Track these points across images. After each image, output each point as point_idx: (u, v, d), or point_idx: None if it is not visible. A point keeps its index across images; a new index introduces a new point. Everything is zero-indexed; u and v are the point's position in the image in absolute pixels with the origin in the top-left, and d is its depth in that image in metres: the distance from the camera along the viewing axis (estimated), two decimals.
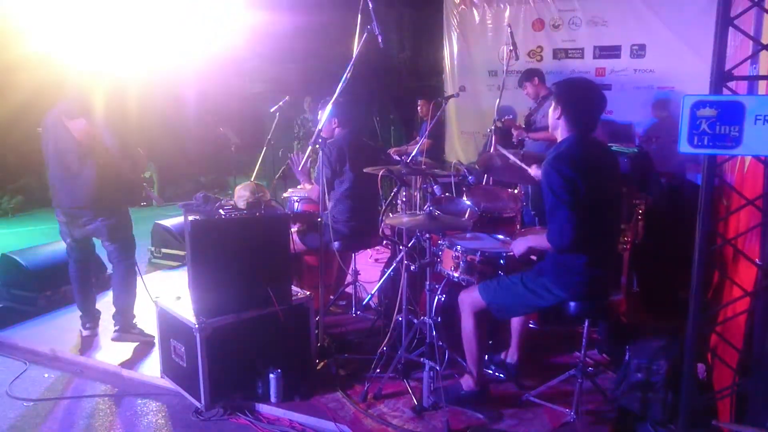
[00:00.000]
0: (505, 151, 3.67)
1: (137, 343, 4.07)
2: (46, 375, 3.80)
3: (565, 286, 2.89)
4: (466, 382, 3.28)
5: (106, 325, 4.21)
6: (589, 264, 2.84)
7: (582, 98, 2.93)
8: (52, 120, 3.84)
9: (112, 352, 3.98)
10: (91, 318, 4.19)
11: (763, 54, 2.57)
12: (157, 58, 6.51)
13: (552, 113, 2.96)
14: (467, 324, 3.17)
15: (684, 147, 2.13)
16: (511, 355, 3.60)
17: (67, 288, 4.85)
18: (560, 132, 2.94)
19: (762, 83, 2.87)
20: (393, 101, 9.09)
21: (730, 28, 2.21)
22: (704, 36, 2.28)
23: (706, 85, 2.30)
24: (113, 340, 4.04)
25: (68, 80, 3.90)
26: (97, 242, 4.20)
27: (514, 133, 5.51)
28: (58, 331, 4.34)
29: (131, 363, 3.86)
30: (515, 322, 3.55)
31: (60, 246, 5.08)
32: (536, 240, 3.01)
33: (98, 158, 3.78)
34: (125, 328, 4.07)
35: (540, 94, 5.59)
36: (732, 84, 3.67)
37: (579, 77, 3.77)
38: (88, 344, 4.11)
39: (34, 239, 6.66)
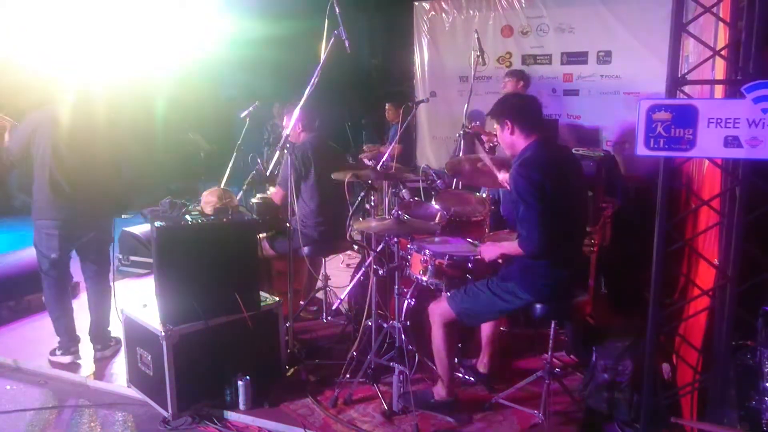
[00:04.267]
0: (484, 156, 3.68)
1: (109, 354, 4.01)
2: (9, 387, 3.71)
3: (530, 288, 2.92)
4: (438, 392, 3.29)
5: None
6: (554, 266, 2.89)
7: (521, 104, 3.06)
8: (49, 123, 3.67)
9: (76, 363, 3.91)
10: (75, 340, 3.97)
11: (720, 59, 2.64)
12: (126, 64, 6.43)
13: (503, 134, 3.01)
14: (437, 335, 3.18)
15: (641, 150, 2.18)
16: (481, 363, 3.62)
17: (31, 298, 4.77)
18: (518, 146, 2.99)
19: (718, 88, 2.94)
20: (364, 106, 9.10)
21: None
22: (668, 43, 2.35)
23: None
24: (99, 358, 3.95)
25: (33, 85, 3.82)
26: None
27: (485, 138, 5.53)
28: (21, 341, 4.25)
29: (97, 373, 3.80)
30: (485, 330, 3.56)
31: (24, 255, 4.98)
32: (508, 247, 3.00)
33: None
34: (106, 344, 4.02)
35: None
36: (697, 89, 3.78)
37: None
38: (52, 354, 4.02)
39: None
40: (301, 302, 4.50)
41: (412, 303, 3.65)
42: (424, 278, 3.40)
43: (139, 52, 6.46)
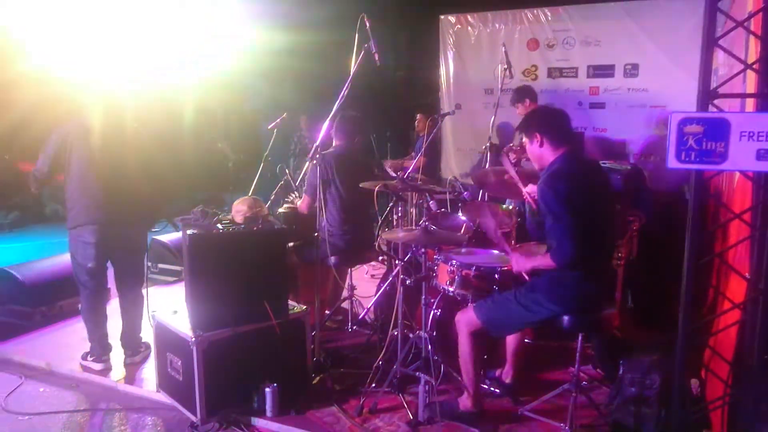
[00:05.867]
0: (509, 167, 3.68)
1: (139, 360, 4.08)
2: (42, 389, 3.79)
3: (558, 300, 2.93)
4: (464, 403, 3.28)
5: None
6: (582, 278, 2.89)
7: (550, 117, 3.07)
8: (81, 133, 3.75)
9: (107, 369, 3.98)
10: (107, 349, 4.03)
11: (751, 72, 2.63)
12: (156, 75, 6.57)
13: (532, 147, 3.03)
14: (464, 344, 3.18)
15: (672, 162, 2.19)
16: (506, 374, 3.61)
17: (64, 303, 4.88)
18: (546, 159, 3.00)
19: (750, 101, 2.93)
20: (389, 118, 9.17)
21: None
22: (695, 56, 2.35)
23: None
24: (129, 364, 4.03)
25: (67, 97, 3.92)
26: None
27: (512, 156, 5.50)
28: (54, 345, 4.35)
29: (127, 377, 3.88)
30: (510, 341, 3.56)
31: (56, 261, 5.10)
32: (540, 260, 2.97)
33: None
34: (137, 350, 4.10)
35: None
36: (728, 101, 3.76)
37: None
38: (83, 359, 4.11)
39: (31, 254, 6.67)
40: (327, 311, 4.54)
41: (439, 313, 3.67)
42: (451, 289, 3.42)
43: (167, 62, 6.60)
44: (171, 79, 7.03)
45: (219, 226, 3.39)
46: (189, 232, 3.28)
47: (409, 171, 4.42)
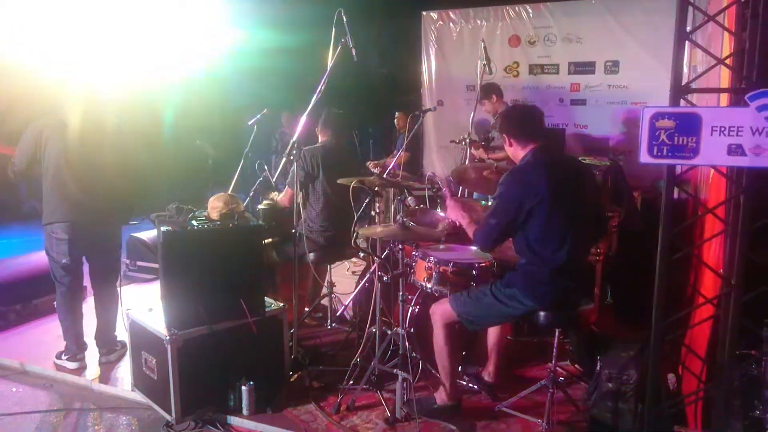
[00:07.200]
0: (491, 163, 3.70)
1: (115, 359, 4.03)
2: (15, 389, 3.74)
3: (533, 295, 2.92)
4: (440, 396, 3.28)
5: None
6: (557, 274, 2.88)
7: (517, 115, 3.14)
8: (58, 127, 3.68)
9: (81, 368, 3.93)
10: (82, 347, 3.97)
11: (724, 68, 2.64)
12: (135, 71, 6.49)
13: (506, 147, 3.11)
14: (438, 336, 3.18)
15: (644, 157, 2.18)
16: (487, 372, 3.59)
17: (38, 301, 4.81)
18: (518, 156, 3.05)
19: (723, 96, 2.94)
20: (372, 115, 9.14)
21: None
22: None
23: None
24: (104, 363, 3.97)
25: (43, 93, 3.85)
26: None
27: (474, 153, 5.48)
28: (28, 344, 4.28)
29: (102, 376, 3.82)
30: (492, 338, 3.55)
31: (31, 259, 5.02)
32: (467, 226, 3.13)
33: None
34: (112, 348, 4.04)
35: (498, 110, 5.68)
36: (705, 98, 3.78)
37: None
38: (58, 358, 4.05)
39: (8, 252, 6.56)
40: (306, 308, 4.51)
41: (417, 310, 3.65)
42: (429, 285, 3.41)
43: (147, 59, 6.52)
44: (153, 76, 6.95)
45: (194, 222, 3.35)
46: (163, 228, 3.23)
47: (390, 167, 4.41)
